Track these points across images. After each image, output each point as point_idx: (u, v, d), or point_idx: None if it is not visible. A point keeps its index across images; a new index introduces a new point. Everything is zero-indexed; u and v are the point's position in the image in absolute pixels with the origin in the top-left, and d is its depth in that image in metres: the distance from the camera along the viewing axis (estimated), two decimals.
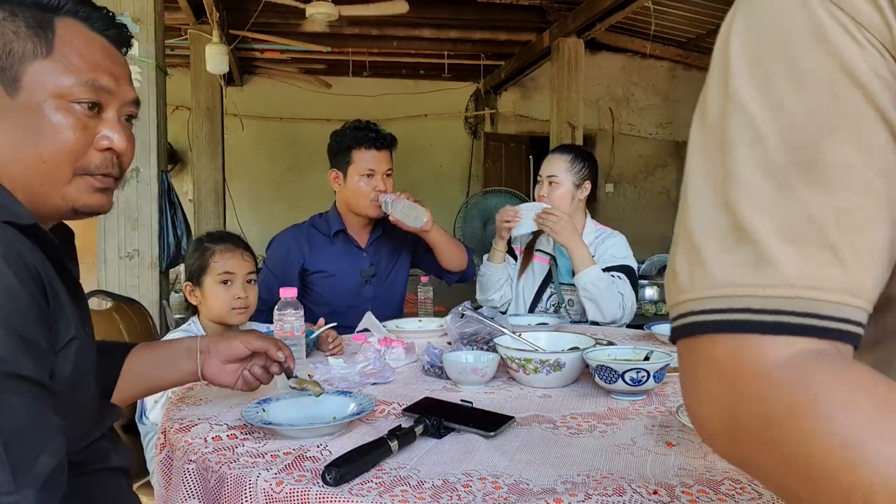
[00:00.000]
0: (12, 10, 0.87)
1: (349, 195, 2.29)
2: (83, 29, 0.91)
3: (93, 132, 0.90)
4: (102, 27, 0.92)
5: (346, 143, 2.28)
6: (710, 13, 6.68)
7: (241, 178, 7.99)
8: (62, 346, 0.85)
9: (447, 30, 6.27)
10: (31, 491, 0.74)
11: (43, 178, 0.87)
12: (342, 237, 2.35)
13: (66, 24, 0.89)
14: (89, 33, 0.91)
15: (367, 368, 1.45)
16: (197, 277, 1.89)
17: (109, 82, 0.91)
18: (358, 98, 7.84)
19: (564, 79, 5.92)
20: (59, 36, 0.88)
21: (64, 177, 0.89)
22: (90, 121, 0.90)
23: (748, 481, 0.92)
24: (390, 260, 2.40)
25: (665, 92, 8.76)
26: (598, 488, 0.89)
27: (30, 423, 0.76)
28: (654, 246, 8.14)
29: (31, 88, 0.86)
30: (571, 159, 2.30)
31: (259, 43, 6.24)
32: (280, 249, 2.36)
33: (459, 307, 1.70)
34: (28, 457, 0.75)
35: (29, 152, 0.86)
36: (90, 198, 0.91)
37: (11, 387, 0.74)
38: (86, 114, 0.89)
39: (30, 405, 0.76)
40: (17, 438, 0.74)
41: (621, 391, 1.32)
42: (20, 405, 0.75)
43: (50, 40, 0.87)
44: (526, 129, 8.56)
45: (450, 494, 0.88)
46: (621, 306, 2.15)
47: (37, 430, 0.77)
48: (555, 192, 2.28)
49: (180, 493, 1.02)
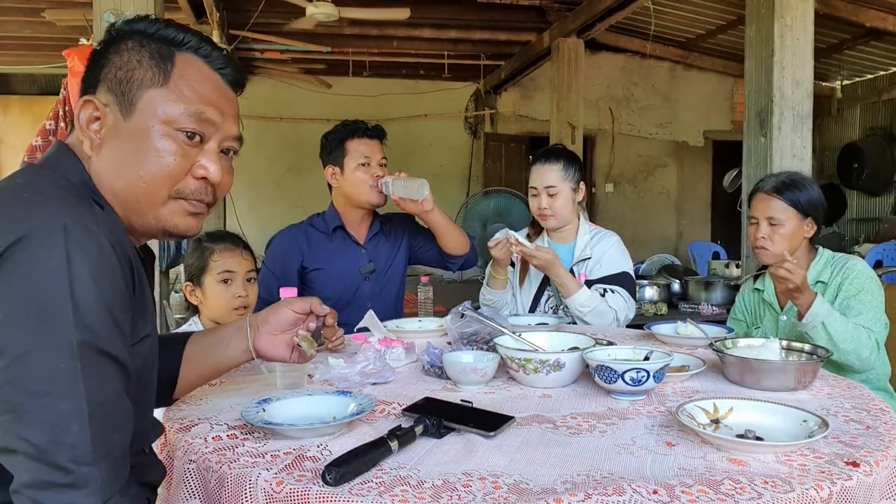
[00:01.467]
0: (141, 40, 0.96)
1: (348, 187, 2.30)
2: (201, 65, 0.98)
3: (192, 160, 0.96)
4: (220, 65, 1.00)
5: (339, 136, 2.31)
6: (710, 13, 6.68)
7: (241, 178, 7.96)
8: (138, 339, 0.91)
9: (447, 30, 6.27)
10: (105, 465, 0.79)
11: (141, 196, 0.94)
12: (340, 234, 2.36)
13: (187, 58, 0.97)
14: (206, 70, 0.99)
15: (367, 368, 1.45)
16: (197, 277, 1.88)
17: (215, 116, 0.97)
18: (358, 98, 7.84)
19: (564, 79, 5.92)
20: (177, 68, 0.95)
21: (160, 198, 0.95)
22: (191, 149, 0.96)
23: (748, 481, 0.92)
24: (389, 255, 2.40)
25: (665, 92, 8.76)
26: (598, 488, 0.89)
27: (113, 400, 0.82)
28: (654, 246, 8.16)
29: (143, 112, 0.94)
30: (563, 165, 2.29)
31: (259, 43, 6.24)
32: (279, 249, 2.36)
33: (459, 307, 1.70)
34: (108, 431, 0.80)
35: (132, 171, 0.94)
36: (181, 220, 0.98)
37: (103, 362, 0.80)
38: (187, 142, 0.95)
39: (115, 384, 0.82)
40: (102, 412, 0.79)
41: (621, 391, 1.32)
42: (108, 381, 0.81)
43: (168, 72, 0.95)
44: (526, 129, 8.56)
45: (450, 494, 0.89)
46: (615, 320, 2.17)
47: (117, 408, 0.83)
48: (556, 203, 2.27)
49: (181, 493, 1.02)
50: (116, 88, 0.94)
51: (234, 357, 1.19)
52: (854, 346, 1.84)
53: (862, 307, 1.93)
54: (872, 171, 7.71)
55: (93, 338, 0.78)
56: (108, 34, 0.98)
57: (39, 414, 0.76)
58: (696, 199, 9.09)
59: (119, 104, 0.94)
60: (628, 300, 2.22)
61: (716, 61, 8.27)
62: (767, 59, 3.11)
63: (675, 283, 3.93)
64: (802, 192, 2.04)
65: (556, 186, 2.27)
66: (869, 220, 8.04)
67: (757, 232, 2.07)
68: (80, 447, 0.76)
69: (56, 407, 0.76)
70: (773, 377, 1.39)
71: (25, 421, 0.75)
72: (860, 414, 1.23)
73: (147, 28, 0.97)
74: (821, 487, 0.90)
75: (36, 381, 0.76)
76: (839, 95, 8.22)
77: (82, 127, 0.95)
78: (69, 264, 0.78)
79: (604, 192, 8.81)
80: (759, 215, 2.07)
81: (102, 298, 0.80)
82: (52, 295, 0.77)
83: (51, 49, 6.28)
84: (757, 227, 2.08)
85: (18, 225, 0.79)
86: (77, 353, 0.77)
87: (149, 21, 0.97)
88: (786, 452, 1.02)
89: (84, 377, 0.77)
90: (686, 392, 1.38)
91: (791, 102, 3.10)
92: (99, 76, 0.95)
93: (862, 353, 1.86)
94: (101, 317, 0.79)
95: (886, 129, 7.82)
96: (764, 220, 2.06)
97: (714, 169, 8.91)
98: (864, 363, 1.88)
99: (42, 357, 0.76)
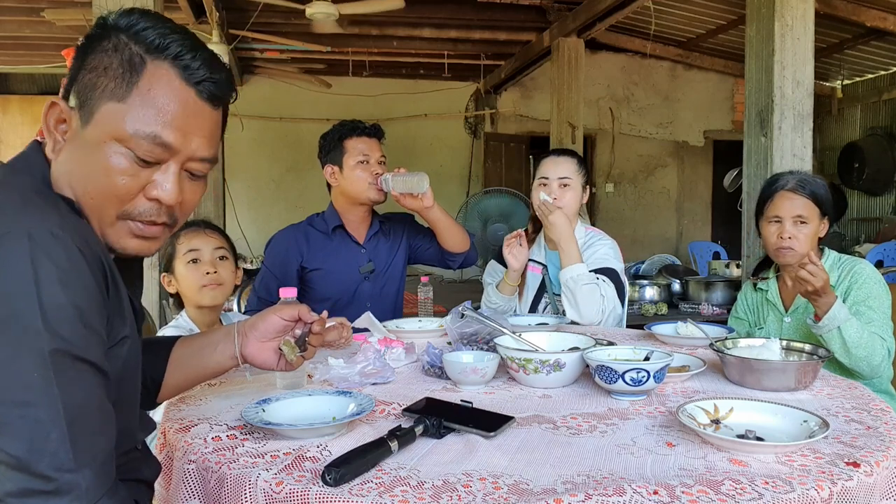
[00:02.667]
0: (117, 43, 0.89)
1: (348, 185, 2.29)
2: (172, 77, 0.89)
3: (144, 180, 0.90)
4: (198, 79, 0.90)
5: (337, 135, 2.31)
6: (710, 13, 6.68)
7: (241, 178, 8.00)
8: (116, 341, 0.88)
9: (447, 29, 6.27)
10: (89, 471, 0.78)
11: (90, 211, 0.89)
12: (340, 233, 2.35)
13: (158, 70, 0.88)
14: (177, 84, 0.89)
15: (367, 368, 1.45)
16: (169, 265, 1.89)
17: (175, 138, 0.89)
18: (358, 98, 7.84)
19: (564, 79, 5.92)
20: (143, 81, 0.88)
21: (107, 217, 0.90)
22: (142, 170, 0.89)
23: (748, 482, 0.92)
24: (388, 255, 2.40)
25: (665, 92, 8.76)
26: (598, 488, 0.89)
27: (91, 405, 0.80)
28: (654, 246, 8.17)
29: (98, 125, 0.88)
30: (578, 162, 2.30)
31: (259, 43, 6.24)
32: (278, 249, 2.36)
33: (459, 307, 1.70)
34: (88, 436, 0.78)
35: (81, 184, 0.89)
36: (129, 242, 0.92)
37: (77, 368, 0.79)
38: (139, 163, 0.89)
39: (92, 388, 0.80)
40: (81, 418, 0.78)
41: (621, 391, 1.32)
42: (84, 387, 0.79)
43: (132, 84, 0.87)
44: (526, 129, 8.56)
45: (450, 494, 0.88)
46: (601, 310, 2.09)
47: (97, 412, 0.81)
48: (567, 195, 2.24)
49: (181, 494, 1.02)
50: (82, 93, 0.89)
51: (220, 362, 1.17)
52: (867, 353, 1.81)
53: (873, 314, 1.89)
54: (873, 170, 7.72)
55: (64, 344, 0.77)
56: (95, 27, 0.92)
57: (17, 424, 0.74)
58: (697, 199, 9.09)
59: (80, 110, 0.89)
60: (614, 298, 2.15)
61: (716, 61, 8.27)
62: (768, 58, 3.11)
63: (676, 283, 3.93)
64: (821, 191, 2.01)
65: (570, 178, 2.25)
66: (869, 220, 8.04)
67: (782, 232, 2.00)
68: (61, 454, 0.75)
69: (34, 415, 0.75)
70: (774, 377, 1.39)
71: (4, 432, 0.74)
72: (861, 414, 1.23)
73: (133, 26, 0.89)
74: (821, 488, 0.90)
75: (11, 391, 0.74)
76: (840, 95, 8.22)
77: (49, 127, 0.91)
78: (35, 271, 0.76)
79: (604, 192, 8.82)
80: (784, 214, 2.00)
81: (72, 303, 0.78)
82: (20, 302, 0.75)
83: (50, 49, 6.29)
84: (781, 226, 2.01)
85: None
86: (49, 360, 0.75)
87: (136, 17, 0.90)
88: (786, 453, 1.02)
89: (59, 384, 0.76)
90: (686, 392, 1.38)
91: (791, 102, 3.10)
92: (75, 76, 0.90)
93: (874, 361, 1.83)
94: (72, 322, 0.77)
95: (887, 128, 7.82)
96: (789, 219, 1.99)
97: (714, 169, 8.92)
98: (873, 371, 1.85)
99: (15, 366, 0.75)
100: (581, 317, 2.08)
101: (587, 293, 2.08)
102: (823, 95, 8.15)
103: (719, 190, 8.32)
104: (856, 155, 7.83)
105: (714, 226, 9.15)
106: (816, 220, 2.01)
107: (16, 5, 5.48)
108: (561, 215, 2.17)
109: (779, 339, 1.56)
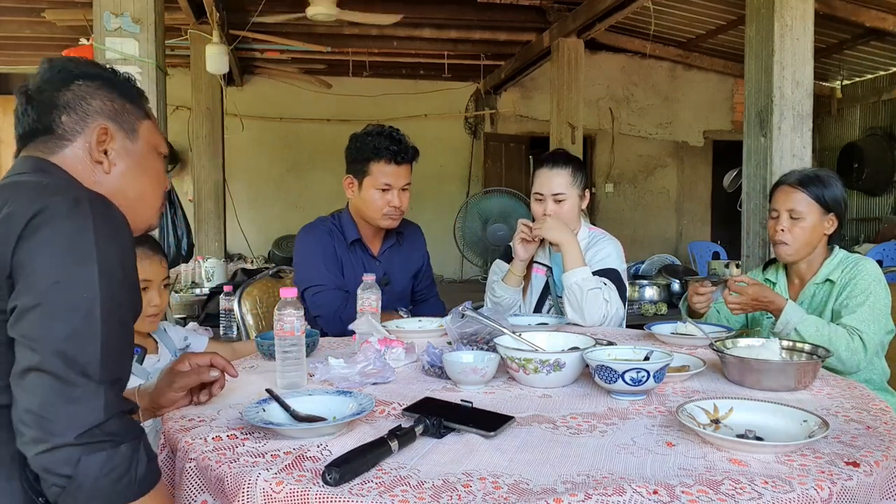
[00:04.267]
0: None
1: (361, 204, 2.25)
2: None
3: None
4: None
5: (366, 153, 2.20)
6: (710, 13, 6.68)
7: (241, 178, 7.99)
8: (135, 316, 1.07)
9: (447, 30, 6.27)
10: (108, 388, 0.94)
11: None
12: (358, 246, 2.32)
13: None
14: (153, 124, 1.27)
15: (367, 368, 1.45)
16: None
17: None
18: (358, 98, 7.83)
19: (564, 79, 5.92)
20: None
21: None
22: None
23: (748, 481, 0.92)
24: (402, 268, 2.39)
25: (665, 92, 8.76)
26: (598, 488, 0.89)
27: (119, 334, 0.99)
28: (654, 246, 8.16)
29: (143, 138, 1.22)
30: (572, 171, 2.23)
31: (259, 43, 6.24)
32: (315, 238, 2.30)
33: (459, 307, 1.70)
34: (114, 359, 0.96)
35: (144, 185, 1.24)
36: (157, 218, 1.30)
37: (118, 298, 0.98)
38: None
39: (125, 321, 1.01)
40: (112, 341, 0.96)
41: (621, 391, 1.32)
42: (121, 317, 0.99)
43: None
44: (526, 130, 8.56)
45: (450, 494, 0.88)
46: (604, 315, 2.08)
47: (123, 341, 1.00)
48: (562, 209, 2.21)
49: (182, 494, 1.02)
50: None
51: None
52: (830, 348, 1.80)
53: (857, 307, 1.90)
54: (872, 171, 7.71)
55: (112, 279, 0.96)
56: None
57: (62, 330, 0.91)
58: (696, 199, 9.09)
59: (125, 130, 1.22)
60: (617, 301, 2.14)
61: (716, 61, 8.27)
62: (767, 59, 3.11)
63: (675, 283, 3.93)
64: (827, 188, 2.01)
65: (564, 194, 2.21)
66: (869, 220, 8.04)
67: (777, 225, 2.04)
68: (92, 365, 0.92)
69: (77, 328, 0.92)
70: (773, 377, 1.39)
71: (49, 336, 0.90)
72: (860, 414, 1.23)
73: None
74: (821, 487, 0.90)
75: (61, 307, 0.92)
76: (839, 95, 8.22)
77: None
78: (93, 218, 0.96)
79: (604, 192, 8.82)
80: (780, 207, 2.04)
81: (122, 250, 0.99)
82: (81, 240, 0.94)
83: (51, 49, 6.27)
84: (777, 220, 2.04)
85: (38, 202, 0.96)
86: (98, 286, 0.94)
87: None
88: (786, 452, 1.02)
89: (103, 309, 0.94)
90: (686, 392, 1.38)
91: (791, 102, 3.10)
92: None
93: (841, 355, 1.81)
94: (121, 264, 0.98)
95: (886, 129, 7.82)
96: (785, 213, 2.02)
97: (714, 169, 8.91)
98: (845, 364, 1.83)
99: (70, 286, 0.93)
100: (584, 320, 2.08)
101: (591, 298, 2.07)
102: (823, 96, 8.14)
103: (719, 190, 8.32)
104: (855, 155, 7.83)
105: (714, 226, 9.15)
106: (816, 217, 2.01)
107: (16, 5, 5.48)
108: (549, 222, 2.15)
109: (778, 338, 1.57)
